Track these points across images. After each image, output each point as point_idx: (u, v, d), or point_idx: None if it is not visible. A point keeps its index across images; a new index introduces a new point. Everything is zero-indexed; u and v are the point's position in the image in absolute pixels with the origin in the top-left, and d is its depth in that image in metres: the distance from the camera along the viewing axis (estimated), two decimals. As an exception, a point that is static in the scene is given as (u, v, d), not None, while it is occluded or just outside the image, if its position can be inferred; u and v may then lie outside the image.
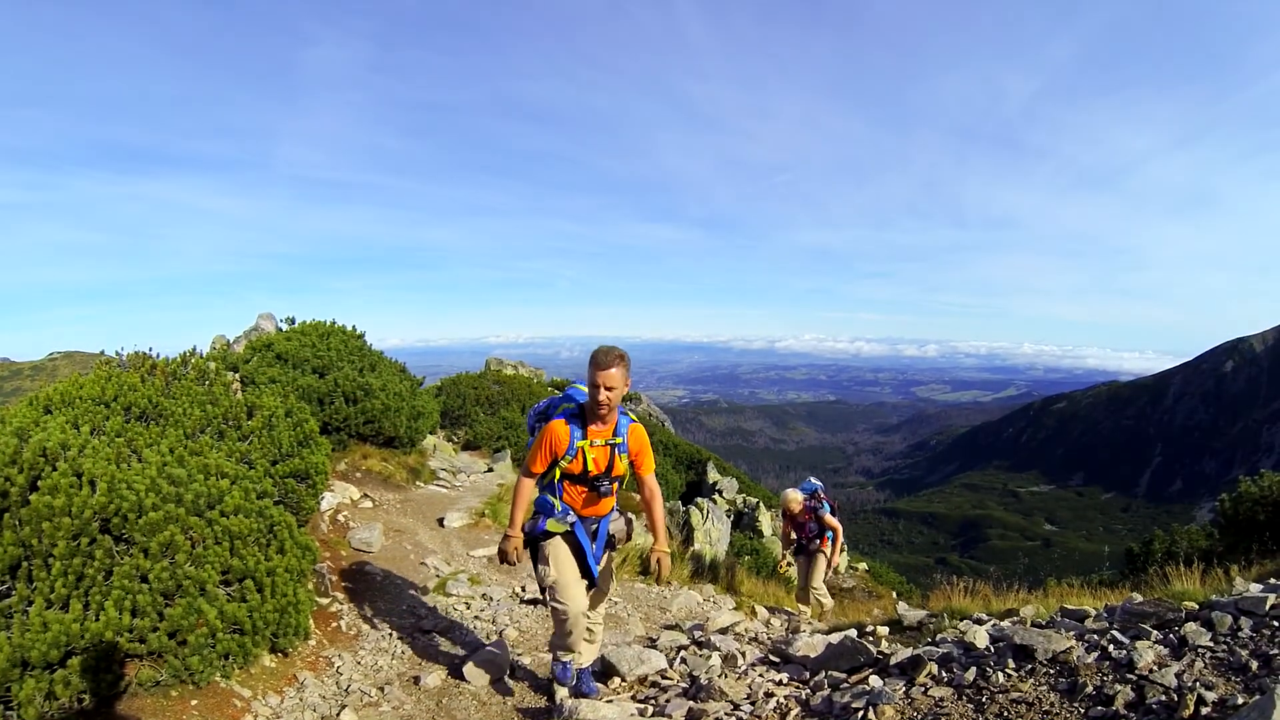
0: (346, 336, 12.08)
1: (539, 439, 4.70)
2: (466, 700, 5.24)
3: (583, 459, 4.64)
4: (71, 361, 41.47)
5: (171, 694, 4.27)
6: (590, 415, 4.61)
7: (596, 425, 4.63)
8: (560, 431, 4.60)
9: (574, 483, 4.75)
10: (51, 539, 4.07)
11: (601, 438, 4.66)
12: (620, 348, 4.48)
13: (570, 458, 4.62)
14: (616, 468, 4.76)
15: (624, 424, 4.76)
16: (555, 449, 4.61)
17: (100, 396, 6.19)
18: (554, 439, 4.60)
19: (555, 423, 4.63)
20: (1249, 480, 10.88)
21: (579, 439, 4.60)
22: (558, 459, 4.64)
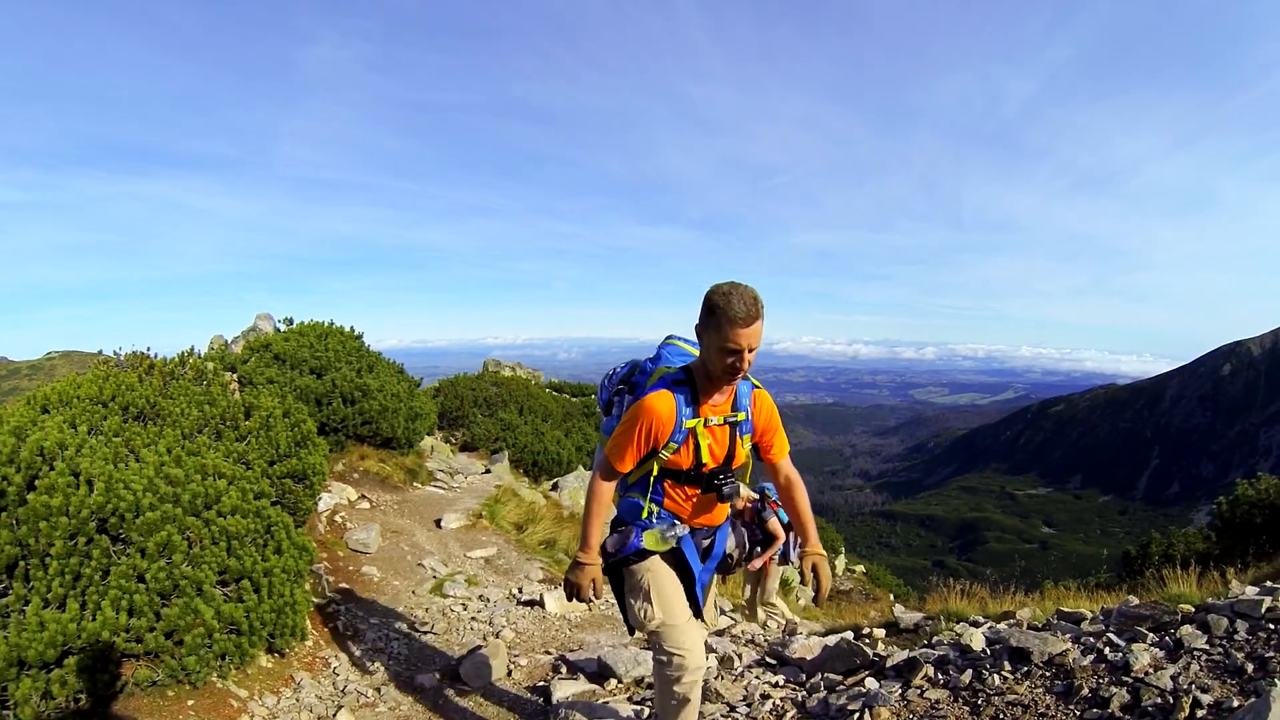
0: (344, 337, 12.08)
1: (629, 422, 3.30)
2: (463, 701, 5.24)
3: (694, 447, 3.35)
4: (69, 361, 41.47)
5: (168, 694, 4.27)
6: (706, 384, 3.32)
7: (714, 398, 3.36)
8: (663, 408, 3.25)
9: (680, 481, 3.46)
10: (49, 538, 4.07)
11: (719, 413, 3.37)
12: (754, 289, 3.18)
13: (676, 445, 3.32)
14: (738, 456, 3.47)
15: (745, 391, 3.44)
16: (656, 434, 3.28)
17: (98, 396, 6.18)
18: (655, 420, 3.26)
19: (655, 396, 3.28)
20: (1246, 483, 10.90)
21: (688, 418, 3.29)
22: (657, 448, 3.32)
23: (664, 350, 3.72)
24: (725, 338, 3.05)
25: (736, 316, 3.02)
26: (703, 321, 3.15)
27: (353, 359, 11.67)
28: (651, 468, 3.41)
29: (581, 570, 3.42)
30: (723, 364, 3.13)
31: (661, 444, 3.30)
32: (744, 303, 3.04)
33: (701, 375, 3.32)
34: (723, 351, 3.09)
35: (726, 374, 3.17)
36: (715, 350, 3.11)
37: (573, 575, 3.45)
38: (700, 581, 3.55)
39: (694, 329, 3.24)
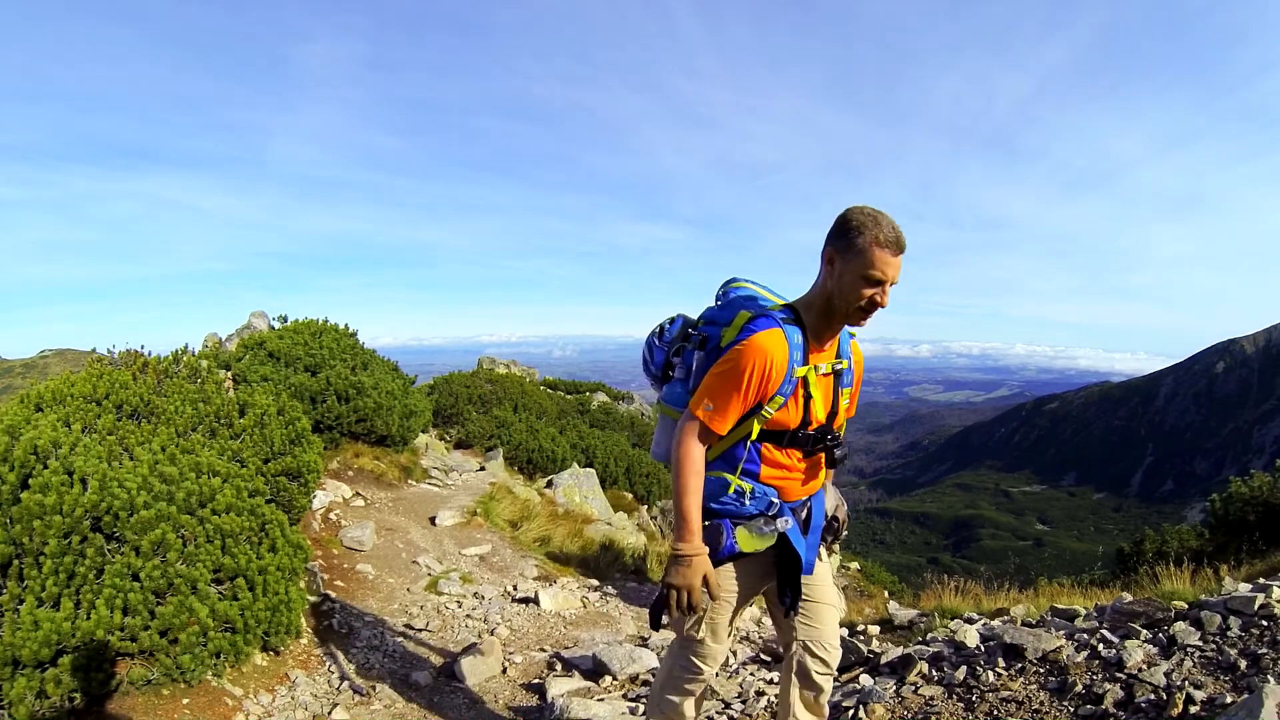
0: (339, 335, 12.06)
1: (731, 369, 2.67)
2: (458, 698, 5.24)
3: (804, 400, 2.78)
4: (63, 359, 41.37)
5: (163, 692, 4.26)
6: (820, 325, 2.77)
7: (824, 344, 2.82)
8: (777, 350, 2.65)
9: (784, 445, 2.82)
10: (43, 537, 4.06)
11: (826, 360, 2.84)
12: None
13: (784, 399, 2.72)
14: (840, 412, 2.94)
15: (845, 338, 2.96)
16: (767, 382, 2.67)
17: (92, 394, 6.17)
18: (769, 364, 2.64)
19: (766, 335, 2.66)
20: (1239, 480, 10.92)
21: (799, 364, 2.72)
22: (763, 402, 2.71)
23: (734, 293, 3.03)
24: (870, 263, 2.55)
25: (888, 239, 2.55)
26: (838, 244, 2.62)
27: (347, 356, 11.65)
28: (748, 432, 2.78)
29: (688, 566, 2.64)
30: (857, 297, 2.61)
31: (769, 396, 2.70)
32: (895, 227, 2.58)
33: (815, 314, 2.76)
34: (863, 282, 2.58)
35: (858, 313, 2.66)
36: (851, 280, 2.59)
37: (677, 577, 2.64)
38: (808, 568, 2.93)
39: (821, 255, 2.71)
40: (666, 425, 3.05)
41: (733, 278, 3.11)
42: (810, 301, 2.77)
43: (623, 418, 24.93)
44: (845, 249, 2.59)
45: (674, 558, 2.67)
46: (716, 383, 2.70)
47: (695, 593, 2.65)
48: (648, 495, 16.86)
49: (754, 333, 2.67)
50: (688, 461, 2.71)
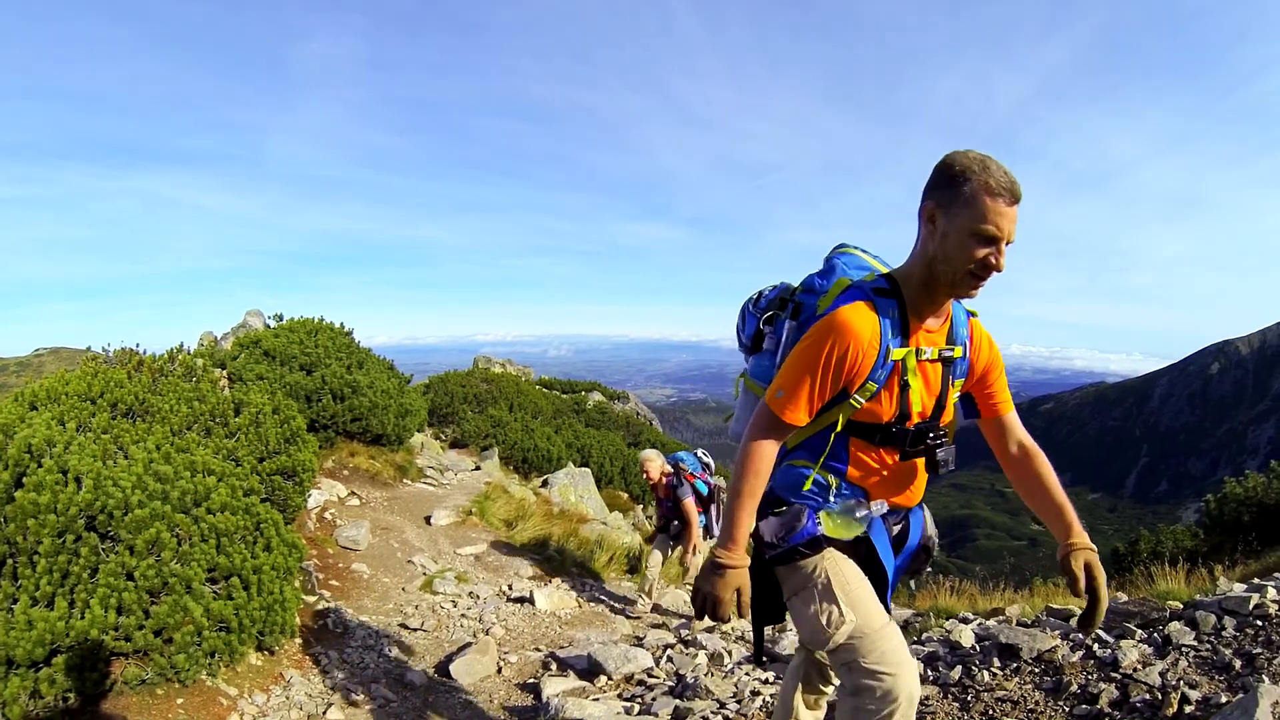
0: (334, 334, 12.04)
1: (810, 350, 2.28)
2: (453, 698, 5.24)
3: (900, 390, 2.36)
4: (58, 357, 41.26)
5: (157, 692, 4.25)
6: (923, 299, 2.33)
7: (929, 320, 2.38)
8: (863, 328, 2.24)
9: (874, 442, 2.43)
10: (37, 536, 4.05)
11: (933, 344, 2.39)
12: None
13: (876, 387, 2.32)
14: (948, 407, 2.50)
15: (962, 319, 2.48)
16: (852, 366, 2.26)
17: (86, 393, 6.16)
18: (852, 344, 2.23)
19: (850, 310, 2.27)
20: (1234, 481, 10.95)
21: (896, 346, 2.30)
22: (849, 390, 2.31)
23: (838, 260, 2.61)
24: (980, 216, 2.12)
25: (1001, 185, 2.11)
26: (939, 196, 2.20)
27: (342, 355, 11.64)
28: (834, 421, 2.40)
29: (722, 576, 2.30)
30: (968, 258, 2.17)
31: (858, 383, 2.29)
32: (1007, 172, 2.15)
33: (915, 285, 2.32)
34: (973, 239, 2.15)
35: (968, 280, 2.21)
36: (958, 239, 2.16)
37: (709, 584, 2.32)
38: (891, 584, 2.53)
39: (919, 213, 2.29)
40: (749, 402, 2.73)
41: (841, 244, 2.71)
42: (909, 271, 2.34)
43: (618, 417, 24.94)
44: (949, 201, 2.17)
45: (712, 563, 2.33)
46: (792, 365, 2.32)
47: (723, 606, 2.31)
48: (643, 494, 16.87)
49: (839, 307, 2.28)
50: (748, 458, 2.33)
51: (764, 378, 2.65)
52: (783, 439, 2.38)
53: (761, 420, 2.37)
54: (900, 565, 2.61)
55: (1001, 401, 2.58)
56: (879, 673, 2.24)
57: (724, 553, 2.32)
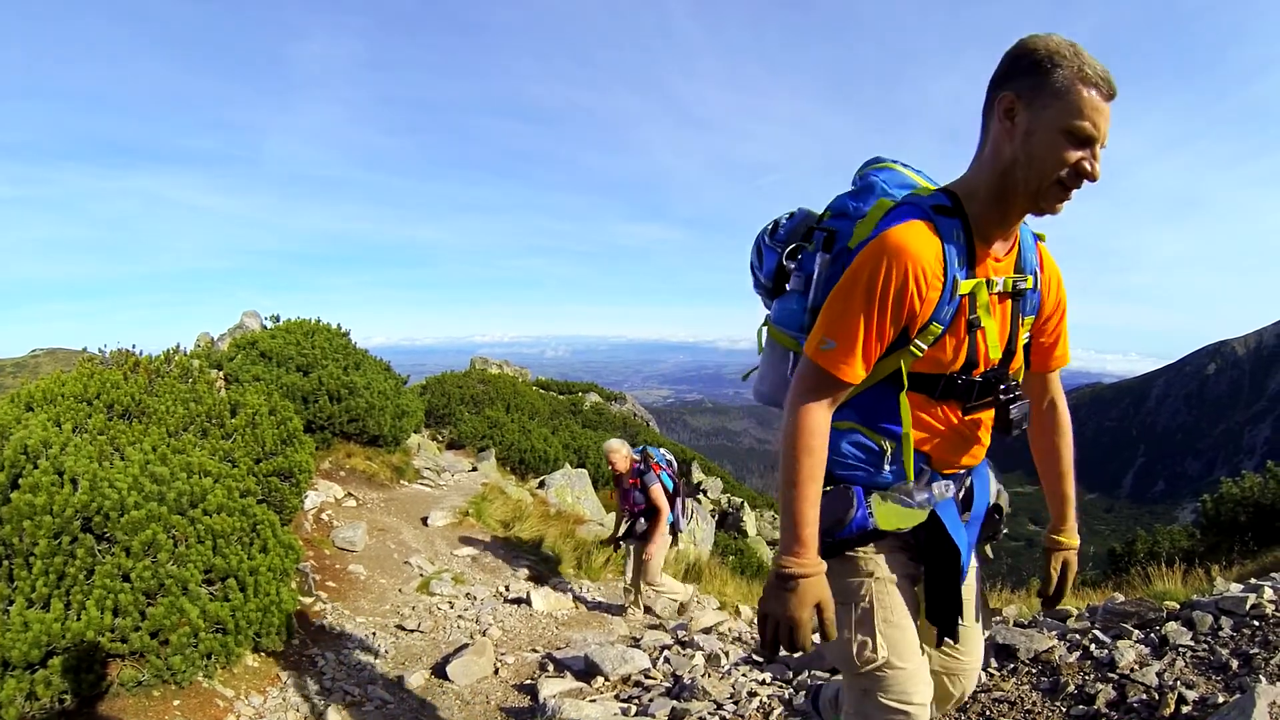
0: (331, 335, 12.04)
1: (860, 283, 1.83)
2: (450, 699, 5.23)
3: (965, 330, 1.93)
4: (54, 358, 41.21)
5: (154, 694, 4.24)
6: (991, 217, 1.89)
7: (996, 244, 1.94)
8: (925, 252, 1.81)
9: (936, 396, 2.01)
10: (33, 537, 4.04)
11: (1002, 273, 1.96)
12: None
13: (941, 328, 1.89)
14: (1018, 349, 2.06)
15: (1029, 239, 2.05)
16: (914, 301, 1.83)
17: (83, 394, 6.15)
18: (914, 273, 1.80)
19: (905, 230, 1.82)
20: (1230, 481, 10.98)
21: (962, 275, 1.87)
22: (910, 332, 1.89)
23: (876, 177, 2.12)
24: (1076, 110, 1.70)
25: (1098, 75, 1.72)
26: (1021, 86, 1.76)
27: (339, 356, 11.63)
28: (887, 373, 1.97)
29: (795, 590, 1.80)
30: (1059, 162, 1.74)
31: (918, 324, 1.85)
32: (1099, 64, 1.74)
33: (983, 199, 1.87)
34: (1066, 139, 1.72)
35: (1055, 191, 1.78)
36: (1047, 138, 1.73)
37: (779, 604, 1.82)
38: (965, 564, 2.08)
39: (990, 107, 1.83)
40: (775, 356, 2.28)
41: (876, 157, 2.22)
42: (974, 183, 1.90)
43: (615, 418, 24.95)
44: (1034, 91, 1.74)
45: (777, 576, 1.83)
46: (838, 307, 1.85)
47: (802, 630, 1.81)
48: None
49: (888, 228, 1.82)
50: (799, 433, 1.84)
51: (792, 324, 2.17)
52: (837, 402, 1.92)
53: (808, 381, 1.89)
54: (972, 538, 2.16)
55: (1061, 354, 2.20)
56: (894, 709, 2.02)
57: (791, 560, 1.81)
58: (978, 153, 1.90)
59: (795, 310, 2.17)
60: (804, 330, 2.11)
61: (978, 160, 1.90)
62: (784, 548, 1.85)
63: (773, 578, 1.86)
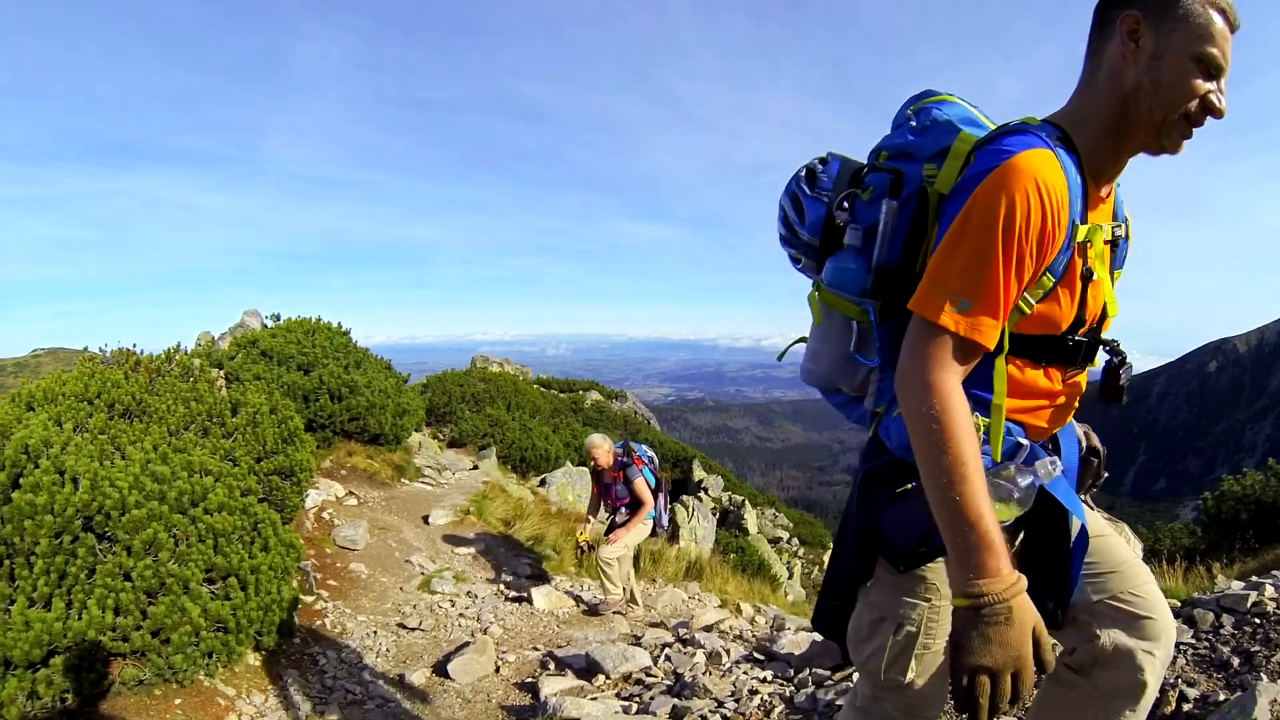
0: (332, 333, 12.04)
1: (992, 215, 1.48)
2: (451, 698, 5.24)
3: (1079, 283, 1.66)
4: (55, 358, 41.24)
5: (155, 693, 4.25)
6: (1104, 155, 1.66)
7: (1104, 188, 1.72)
8: (1056, 184, 1.51)
9: (1041, 360, 1.73)
10: (34, 537, 4.05)
11: (1105, 220, 1.73)
12: None
13: (1054, 279, 1.62)
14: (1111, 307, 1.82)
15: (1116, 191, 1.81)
16: (1044, 244, 1.53)
17: (83, 393, 6.15)
18: (1048, 207, 1.50)
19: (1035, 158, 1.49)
20: (1232, 479, 10.97)
21: (1080, 219, 1.61)
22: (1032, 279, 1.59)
23: (940, 112, 1.80)
24: (1208, 35, 1.53)
25: (1222, 1, 1.55)
26: (1146, 8, 1.56)
27: (340, 355, 11.63)
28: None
29: (1012, 622, 1.38)
30: (1188, 93, 1.55)
31: (1039, 271, 1.58)
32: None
33: (1098, 134, 1.63)
34: (1196, 67, 1.54)
35: (1179, 127, 1.59)
36: (1178, 61, 1.54)
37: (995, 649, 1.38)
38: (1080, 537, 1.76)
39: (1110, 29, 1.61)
40: (832, 328, 1.91)
41: (927, 90, 1.92)
42: (1083, 114, 1.65)
43: (616, 416, 24.95)
44: (1162, 12, 1.54)
45: (976, 612, 1.39)
46: (964, 255, 1.53)
47: (1027, 670, 1.39)
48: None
49: (1012, 154, 1.51)
50: (953, 415, 1.50)
51: (852, 288, 1.83)
52: (968, 373, 1.59)
53: (939, 351, 1.55)
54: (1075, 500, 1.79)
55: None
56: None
57: (991, 582, 1.39)
58: (1084, 81, 1.68)
59: (855, 270, 1.83)
60: (866, 294, 1.80)
61: (1088, 88, 1.67)
62: (970, 568, 1.42)
63: (968, 618, 1.41)
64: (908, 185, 1.76)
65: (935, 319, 1.54)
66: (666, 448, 24.03)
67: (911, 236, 1.75)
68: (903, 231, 1.75)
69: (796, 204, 2.02)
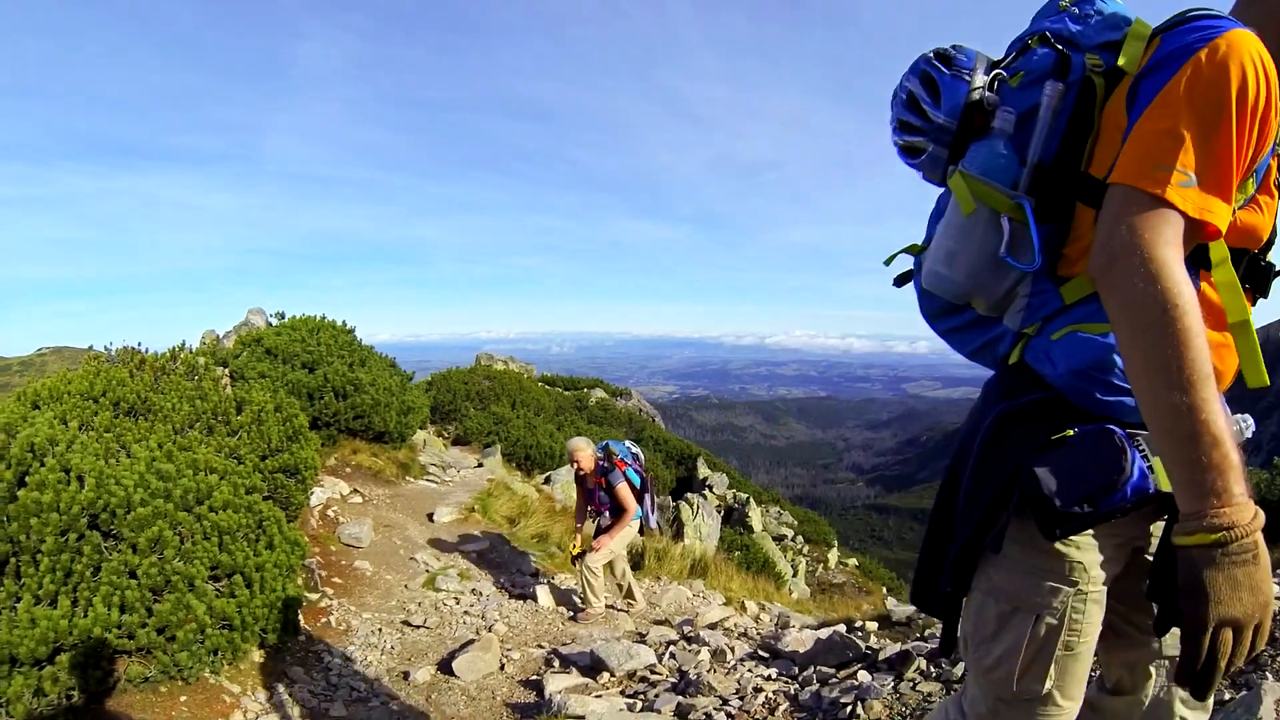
0: (336, 331, 12.05)
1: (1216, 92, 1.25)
2: (455, 695, 5.24)
3: (1275, 190, 1.45)
4: (60, 357, 41.34)
5: (161, 690, 4.26)
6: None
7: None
8: (1274, 71, 1.27)
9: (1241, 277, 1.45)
10: (40, 535, 4.06)
11: None
12: None
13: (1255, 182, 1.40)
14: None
15: None
16: (1267, 129, 1.29)
17: (89, 392, 6.16)
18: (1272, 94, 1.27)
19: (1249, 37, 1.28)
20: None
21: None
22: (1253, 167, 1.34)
23: (1101, 3, 1.58)
24: None
25: None
26: None
27: (345, 353, 11.64)
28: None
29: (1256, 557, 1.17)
30: None
31: (1258, 160, 1.35)
32: None
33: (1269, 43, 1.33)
34: None
35: None
36: None
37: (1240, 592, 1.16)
38: None
39: None
40: (979, 224, 1.58)
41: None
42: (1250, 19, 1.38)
43: (620, 414, 24.95)
44: None
45: (1218, 551, 1.17)
46: (1185, 127, 1.28)
47: (1268, 620, 1.19)
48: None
49: (1225, 30, 1.29)
50: (1187, 302, 1.23)
51: (1003, 177, 1.55)
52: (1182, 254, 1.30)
53: (1161, 229, 1.27)
54: None
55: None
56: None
57: (1229, 508, 1.17)
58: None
59: (1007, 159, 1.57)
60: (1017, 187, 1.54)
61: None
62: (1212, 492, 1.18)
63: (1208, 558, 1.18)
64: (1073, 72, 1.52)
65: (1161, 192, 1.27)
66: (671, 445, 24.04)
67: (1073, 128, 1.51)
68: (1064, 119, 1.51)
69: (930, 84, 1.74)
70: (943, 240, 1.66)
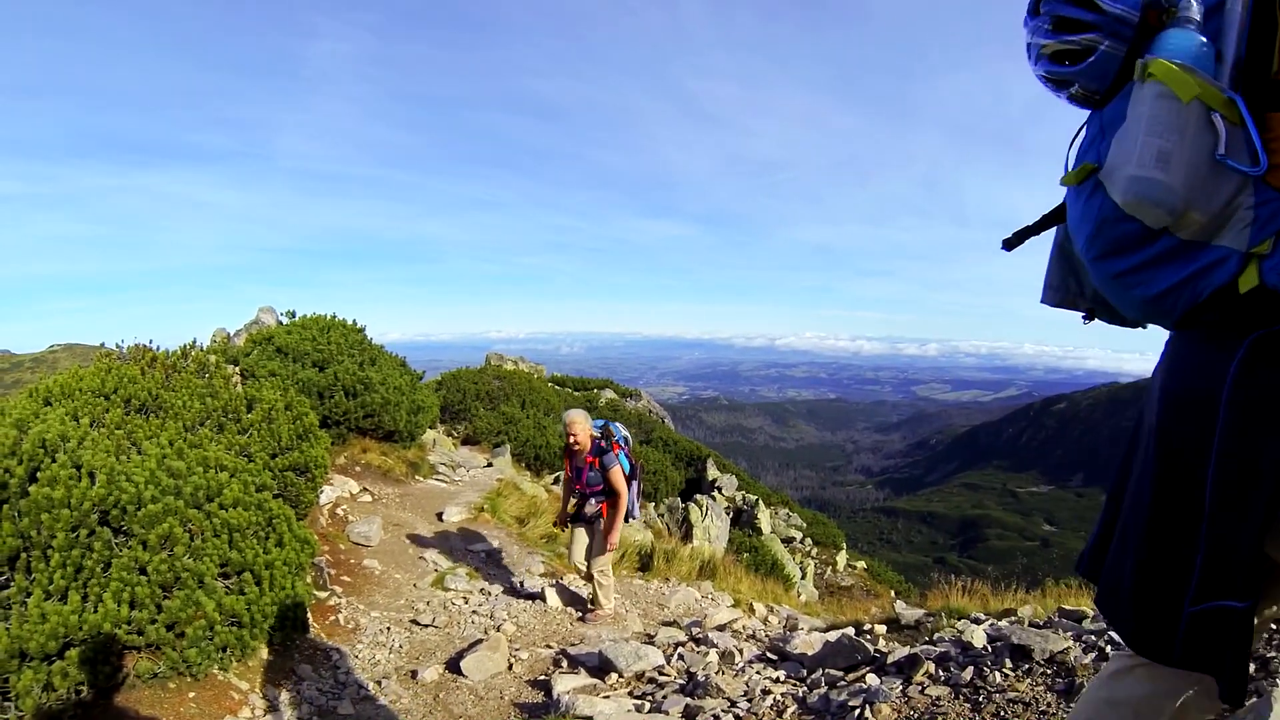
0: (347, 330, 12.09)
1: None
2: (463, 695, 5.24)
3: None
4: (72, 354, 41.55)
5: (169, 686, 4.27)
6: None
7: None
8: None
9: None
10: (50, 530, 4.07)
11: None
12: None
13: None
14: None
15: None
16: None
17: (100, 389, 6.19)
18: None
19: None
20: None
21: None
22: None
23: None
24: None
25: None
26: None
27: (355, 352, 11.67)
28: None
29: None
30: None
31: None
32: None
33: None
34: None
35: None
36: None
37: None
38: None
39: None
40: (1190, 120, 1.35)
41: None
42: None
43: (630, 415, 24.96)
44: None
45: None
46: None
47: None
48: (654, 492, 16.86)
49: None
50: None
51: (1204, 62, 1.37)
52: None
53: None
54: None
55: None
56: None
57: None
58: None
59: (1207, 50, 1.39)
60: (1216, 79, 1.36)
61: None
62: None
63: None
64: None
65: None
66: (680, 446, 24.03)
67: (1258, 24, 1.34)
68: (1249, 12, 1.35)
69: None
70: (1150, 139, 1.37)
